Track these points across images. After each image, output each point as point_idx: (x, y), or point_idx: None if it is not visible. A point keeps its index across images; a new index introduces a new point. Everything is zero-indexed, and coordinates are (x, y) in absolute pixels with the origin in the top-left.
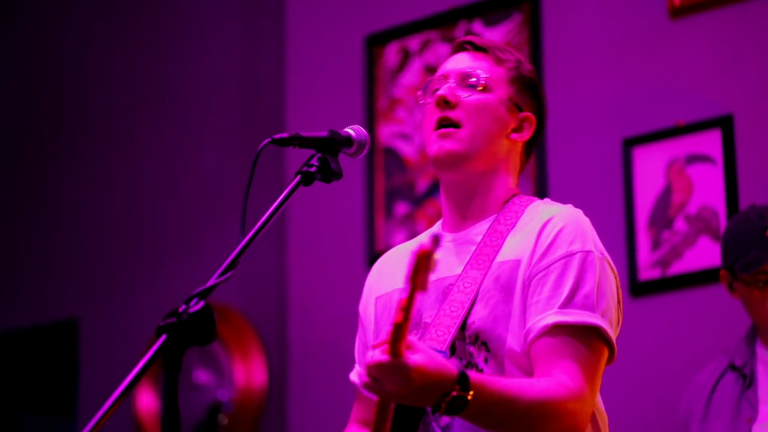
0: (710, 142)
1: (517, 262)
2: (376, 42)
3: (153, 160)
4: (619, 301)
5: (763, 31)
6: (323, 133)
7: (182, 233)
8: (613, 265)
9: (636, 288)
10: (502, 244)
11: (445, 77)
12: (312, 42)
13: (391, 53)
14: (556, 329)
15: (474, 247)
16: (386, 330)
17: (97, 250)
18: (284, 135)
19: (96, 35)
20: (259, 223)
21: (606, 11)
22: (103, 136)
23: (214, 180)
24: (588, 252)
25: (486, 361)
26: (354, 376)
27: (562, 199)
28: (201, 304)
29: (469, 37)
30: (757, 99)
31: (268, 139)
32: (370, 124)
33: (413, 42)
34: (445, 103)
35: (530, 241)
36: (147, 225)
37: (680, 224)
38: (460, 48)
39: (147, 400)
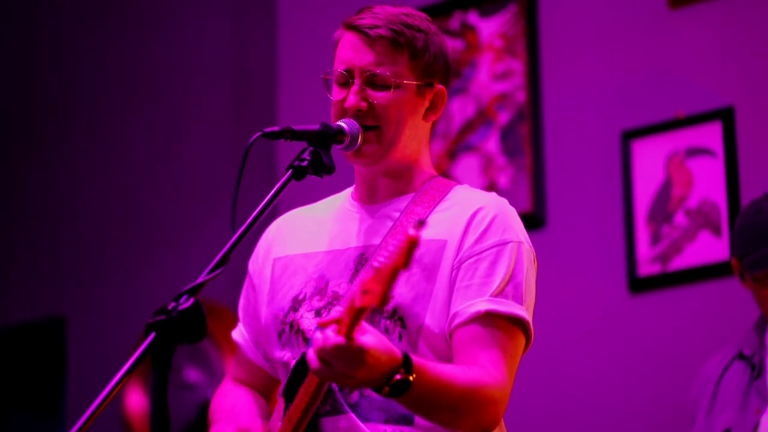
0: (711, 135)
1: (442, 243)
2: None
3: (142, 155)
4: None
5: (764, 21)
6: (315, 127)
7: (171, 229)
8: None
9: (635, 283)
10: None
11: (351, 73)
12: (304, 33)
13: None
14: (487, 317)
15: (392, 223)
16: (340, 310)
17: (84, 247)
18: (275, 128)
19: (86, 25)
20: (249, 219)
21: (604, 1)
22: (91, 132)
23: (204, 175)
24: (520, 243)
25: (400, 338)
26: (236, 335)
27: (561, 194)
28: (191, 301)
29: (364, 20)
30: (759, 91)
31: (259, 133)
32: None
33: None
34: (358, 111)
35: (459, 224)
36: (135, 221)
37: (680, 218)
38: (354, 29)
39: (136, 400)
